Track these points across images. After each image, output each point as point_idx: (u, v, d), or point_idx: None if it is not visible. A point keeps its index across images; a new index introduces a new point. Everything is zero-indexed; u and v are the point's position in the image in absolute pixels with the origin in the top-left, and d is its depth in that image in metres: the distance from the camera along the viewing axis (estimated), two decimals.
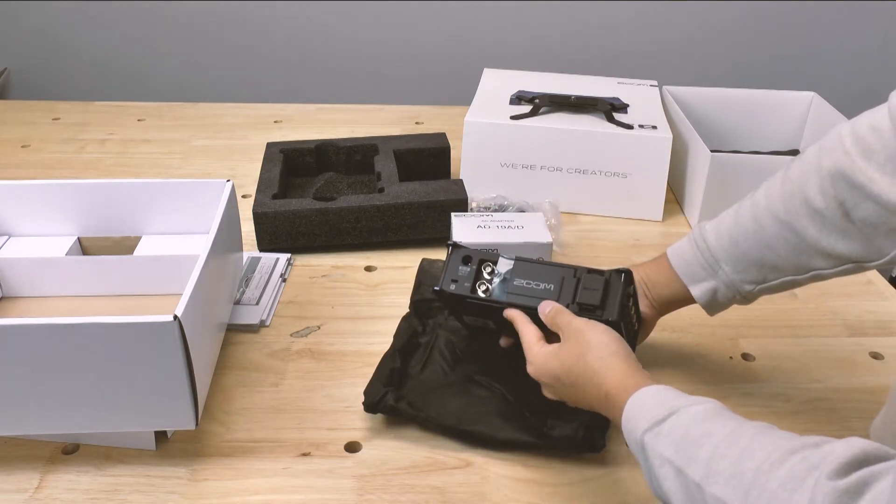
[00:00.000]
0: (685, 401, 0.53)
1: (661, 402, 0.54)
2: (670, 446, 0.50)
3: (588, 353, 0.61)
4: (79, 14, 2.12)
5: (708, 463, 0.47)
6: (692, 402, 0.52)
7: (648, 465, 0.52)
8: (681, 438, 0.50)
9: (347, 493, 0.65)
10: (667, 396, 0.54)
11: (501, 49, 2.15)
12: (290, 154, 1.13)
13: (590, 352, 0.61)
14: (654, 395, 0.55)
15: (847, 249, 0.62)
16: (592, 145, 1.08)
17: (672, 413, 0.52)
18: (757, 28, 2.14)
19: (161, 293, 0.85)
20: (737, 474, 0.45)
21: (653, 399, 0.55)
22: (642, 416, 0.54)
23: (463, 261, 0.72)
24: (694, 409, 0.52)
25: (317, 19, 2.13)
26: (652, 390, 0.56)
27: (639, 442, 0.53)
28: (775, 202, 0.65)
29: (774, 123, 1.25)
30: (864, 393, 0.78)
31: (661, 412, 0.52)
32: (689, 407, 0.52)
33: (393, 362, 0.75)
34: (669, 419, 0.52)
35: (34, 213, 0.87)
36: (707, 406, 0.52)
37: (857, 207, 0.60)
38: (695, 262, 0.71)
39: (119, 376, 0.62)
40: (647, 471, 0.53)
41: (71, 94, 2.17)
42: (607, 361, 0.60)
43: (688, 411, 0.51)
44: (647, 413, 0.53)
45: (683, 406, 0.52)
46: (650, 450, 0.52)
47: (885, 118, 0.59)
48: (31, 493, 0.65)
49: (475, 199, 1.07)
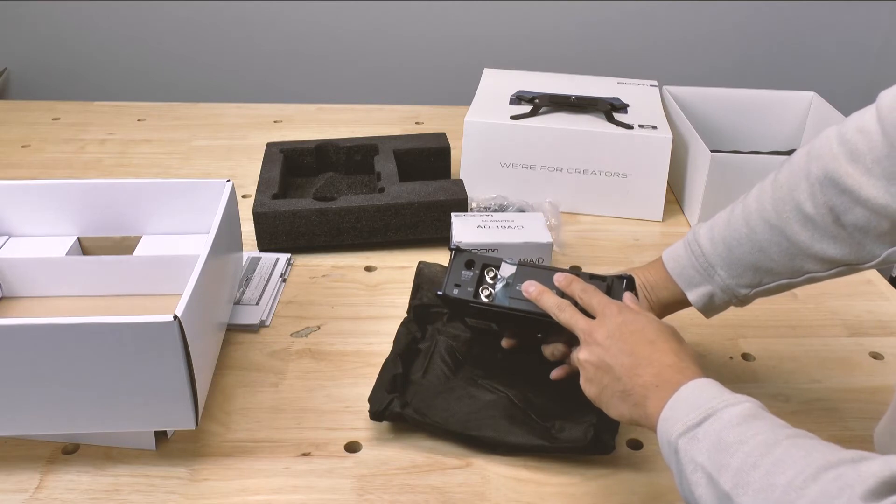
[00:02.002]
0: (721, 402, 0.51)
1: (696, 405, 0.52)
2: (704, 452, 0.49)
3: (636, 340, 0.59)
4: (79, 14, 2.12)
5: (738, 472, 0.46)
6: (728, 403, 0.51)
7: (681, 469, 0.51)
8: (714, 444, 0.49)
9: (347, 493, 0.65)
10: (703, 396, 0.53)
11: (501, 49, 2.15)
12: (290, 154, 1.13)
13: (637, 337, 0.59)
14: (691, 395, 0.54)
15: (839, 253, 0.62)
16: (592, 145, 1.08)
17: (708, 416, 0.50)
18: (757, 28, 2.14)
19: (161, 293, 0.85)
20: (766, 487, 0.43)
21: (689, 400, 0.53)
22: (677, 418, 0.52)
23: (466, 265, 0.72)
24: (730, 411, 0.50)
25: (317, 19, 2.13)
26: (689, 390, 0.54)
27: (672, 445, 0.52)
28: (766, 207, 0.65)
29: (774, 123, 1.25)
30: (864, 393, 0.78)
31: (696, 415, 0.51)
32: (724, 409, 0.50)
33: (395, 368, 0.75)
34: (705, 423, 0.50)
35: (34, 213, 0.87)
36: (743, 407, 0.50)
37: (847, 212, 0.60)
38: (690, 266, 0.71)
39: (119, 376, 0.62)
40: (678, 474, 0.51)
41: (71, 94, 2.17)
42: (655, 348, 0.58)
43: (723, 415, 0.50)
44: (683, 416, 0.52)
45: (719, 409, 0.51)
46: (683, 454, 0.50)
47: (872, 120, 0.59)
48: (31, 493, 0.65)
49: (475, 199, 1.07)
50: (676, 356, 0.58)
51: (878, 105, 0.59)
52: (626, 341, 0.59)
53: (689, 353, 0.59)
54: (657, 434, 0.54)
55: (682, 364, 0.57)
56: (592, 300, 0.65)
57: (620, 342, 0.59)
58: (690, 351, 0.59)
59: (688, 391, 0.54)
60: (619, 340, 0.60)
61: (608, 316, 0.62)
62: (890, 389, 0.79)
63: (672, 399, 0.54)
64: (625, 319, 0.61)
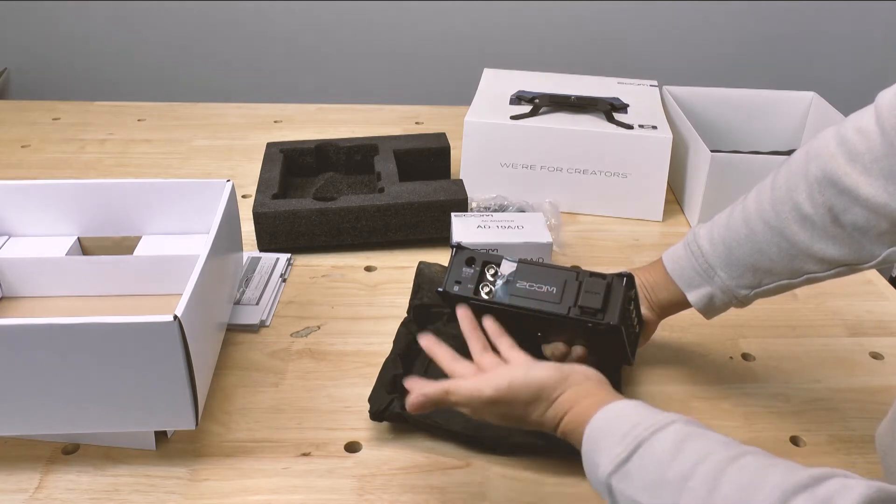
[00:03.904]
0: (647, 428, 0.48)
1: (622, 435, 0.49)
2: (642, 491, 0.46)
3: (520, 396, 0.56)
4: (79, 14, 2.12)
5: None
6: (655, 428, 0.48)
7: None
8: (653, 482, 0.46)
9: (347, 493, 0.65)
10: (626, 422, 0.50)
11: (501, 49, 2.15)
12: (290, 154, 1.13)
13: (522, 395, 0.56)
14: (612, 424, 0.51)
15: (838, 254, 0.62)
16: (592, 145, 1.08)
17: (637, 447, 0.48)
18: (757, 28, 2.14)
19: (161, 293, 0.85)
20: None
21: (612, 429, 0.50)
22: (602, 452, 0.49)
23: (467, 262, 0.72)
24: (660, 438, 0.47)
25: (317, 19, 2.13)
26: (607, 415, 0.51)
27: (604, 484, 0.49)
28: (765, 208, 0.65)
29: (774, 123, 1.25)
30: (864, 393, 0.78)
31: (622, 449, 0.48)
32: (653, 437, 0.48)
33: (395, 368, 0.75)
34: (635, 456, 0.47)
35: (34, 213, 0.87)
36: (673, 430, 0.48)
37: (846, 212, 0.60)
38: (690, 268, 0.71)
39: (119, 376, 0.62)
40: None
41: (71, 94, 2.18)
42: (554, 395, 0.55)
43: (653, 444, 0.47)
44: (609, 450, 0.49)
45: (647, 437, 0.48)
46: (619, 494, 0.48)
47: (870, 120, 0.59)
48: (31, 493, 0.64)
49: (475, 199, 1.07)
50: (579, 389, 0.56)
51: (877, 105, 0.59)
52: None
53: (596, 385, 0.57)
54: (584, 469, 0.52)
55: (589, 388, 0.55)
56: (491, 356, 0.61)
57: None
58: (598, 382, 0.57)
59: (606, 416, 0.52)
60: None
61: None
62: (890, 389, 0.79)
63: (589, 427, 0.52)
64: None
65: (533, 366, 0.58)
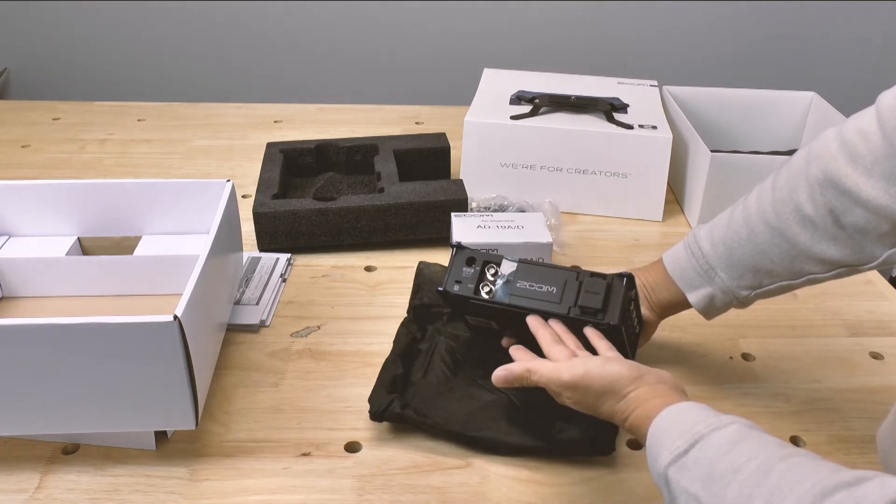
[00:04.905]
0: (707, 425, 0.50)
1: (682, 431, 0.51)
2: (696, 482, 0.48)
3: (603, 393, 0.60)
4: (79, 14, 2.12)
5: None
6: (715, 427, 0.50)
7: (673, 498, 0.50)
8: (706, 475, 0.47)
9: (347, 493, 0.65)
10: (688, 420, 0.52)
11: (501, 49, 2.15)
12: (290, 154, 1.13)
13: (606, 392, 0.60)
14: (675, 421, 0.53)
15: (839, 255, 0.62)
16: (592, 145, 1.08)
17: (695, 442, 0.50)
18: (757, 28, 2.14)
19: (161, 293, 0.85)
20: None
21: (674, 426, 0.52)
22: (664, 446, 0.51)
23: (467, 262, 0.72)
24: (717, 436, 0.49)
25: (317, 19, 2.13)
26: (672, 414, 0.54)
27: (662, 475, 0.51)
28: (766, 209, 0.65)
29: (774, 123, 1.25)
30: (865, 393, 0.78)
31: (682, 442, 0.50)
32: (711, 434, 0.50)
33: (395, 368, 0.75)
34: (693, 450, 0.49)
35: (34, 213, 0.87)
36: (731, 430, 0.50)
37: (847, 213, 0.60)
38: (690, 268, 0.71)
39: (119, 376, 0.62)
40: (669, 503, 0.51)
41: (71, 94, 2.18)
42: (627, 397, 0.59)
43: (711, 440, 0.49)
44: (669, 443, 0.51)
45: (706, 433, 0.50)
46: (675, 485, 0.50)
47: (871, 121, 0.59)
48: (31, 493, 0.65)
49: (475, 199, 1.07)
50: (653, 387, 0.58)
51: (878, 106, 0.59)
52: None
53: (670, 383, 0.59)
54: (647, 461, 0.54)
55: (661, 390, 0.58)
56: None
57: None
58: (672, 382, 0.60)
59: (671, 415, 0.54)
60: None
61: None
62: (890, 389, 0.79)
63: (654, 424, 0.54)
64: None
65: (612, 360, 0.61)
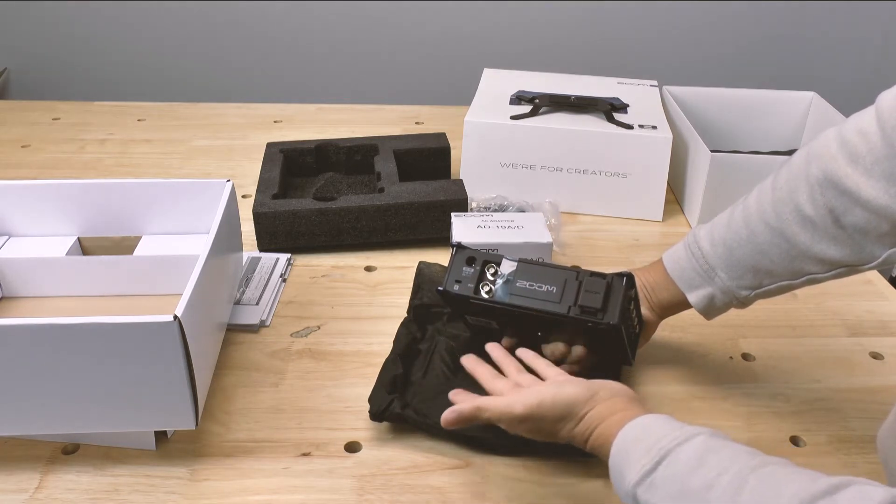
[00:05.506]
0: (672, 440, 0.50)
1: (647, 447, 0.50)
2: (667, 500, 0.47)
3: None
4: (79, 14, 2.12)
5: None
6: (679, 441, 0.49)
7: None
8: (678, 492, 0.47)
9: (347, 493, 0.65)
10: (652, 435, 0.51)
11: (501, 49, 2.15)
12: (290, 154, 1.13)
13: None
14: (639, 438, 0.52)
15: (839, 255, 0.62)
16: (592, 145, 1.08)
17: (661, 459, 0.49)
18: (757, 28, 2.14)
19: (161, 293, 0.85)
20: None
21: (638, 443, 0.51)
22: (629, 464, 0.51)
23: (467, 262, 0.72)
24: (684, 449, 0.49)
25: (317, 19, 2.13)
26: (634, 430, 0.53)
27: (630, 494, 0.50)
28: (766, 209, 0.65)
29: (774, 123, 1.25)
30: (865, 393, 0.78)
31: (648, 460, 0.49)
32: (677, 448, 0.49)
33: (395, 368, 0.75)
34: (660, 467, 0.49)
35: (34, 213, 0.87)
36: (697, 442, 0.49)
37: (847, 214, 0.60)
38: (690, 268, 0.71)
39: (119, 376, 0.62)
40: None
41: (71, 94, 2.18)
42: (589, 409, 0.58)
43: (678, 455, 0.48)
44: (635, 461, 0.50)
45: (672, 448, 0.49)
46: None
47: (871, 121, 0.59)
48: (31, 493, 0.64)
49: (475, 199, 1.07)
50: (611, 403, 0.58)
51: (878, 106, 0.59)
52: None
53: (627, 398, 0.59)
54: (611, 480, 0.53)
55: (617, 404, 0.57)
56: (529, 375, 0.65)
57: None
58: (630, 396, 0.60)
59: (633, 431, 0.53)
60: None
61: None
62: (890, 389, 0.79)
63: (616, 442, 0.53)
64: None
65: (564, 384, 0.60)
